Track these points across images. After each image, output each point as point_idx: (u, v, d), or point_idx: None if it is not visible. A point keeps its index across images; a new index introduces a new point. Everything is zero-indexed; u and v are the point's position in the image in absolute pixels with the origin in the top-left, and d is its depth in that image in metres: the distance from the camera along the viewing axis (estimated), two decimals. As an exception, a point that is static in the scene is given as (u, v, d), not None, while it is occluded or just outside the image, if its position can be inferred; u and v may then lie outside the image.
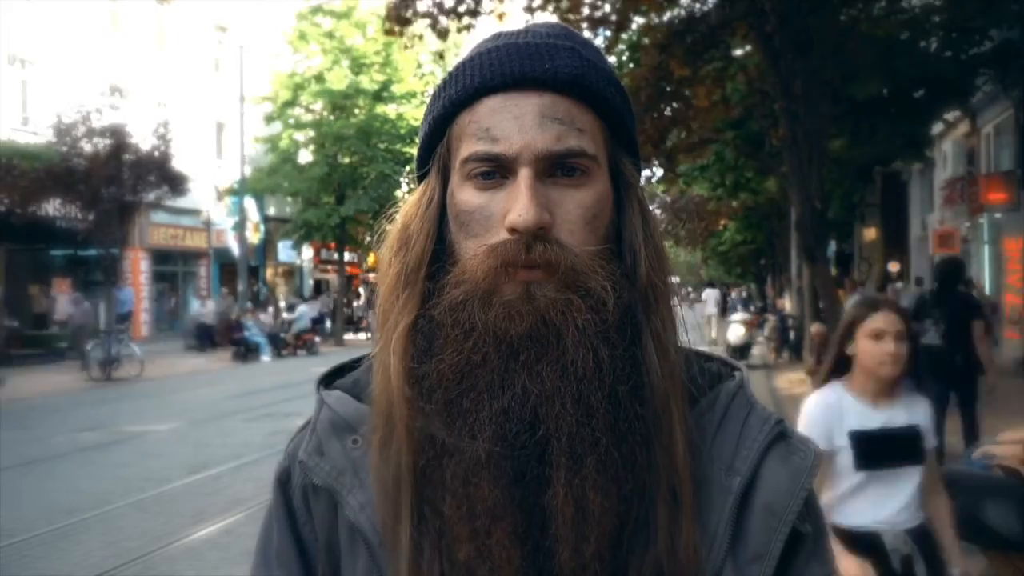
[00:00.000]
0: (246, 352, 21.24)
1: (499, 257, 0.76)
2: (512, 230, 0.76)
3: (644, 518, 0.75)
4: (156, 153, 17.37)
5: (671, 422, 0.77)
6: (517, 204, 0.76)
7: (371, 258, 30.49)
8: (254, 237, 28.00)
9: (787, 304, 22.16)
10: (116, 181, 16.70)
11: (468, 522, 0.74)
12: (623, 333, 0.77)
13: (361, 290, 34.10)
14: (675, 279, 0.85)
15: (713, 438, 0.81)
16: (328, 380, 0.91)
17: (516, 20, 10.74)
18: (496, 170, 0.79)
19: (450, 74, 0.85)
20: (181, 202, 21.41)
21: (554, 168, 0.78)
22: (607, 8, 9.65)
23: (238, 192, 25.54)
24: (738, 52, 10.98)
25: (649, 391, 0.77)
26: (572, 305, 0.75)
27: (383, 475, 0.78)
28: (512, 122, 0.78)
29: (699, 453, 0.79)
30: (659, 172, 13.08)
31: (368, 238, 26.94)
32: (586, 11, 9.51)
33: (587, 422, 0.73)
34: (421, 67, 27.34)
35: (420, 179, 0.88)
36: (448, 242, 0.83)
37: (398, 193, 25.33)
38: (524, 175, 0.77)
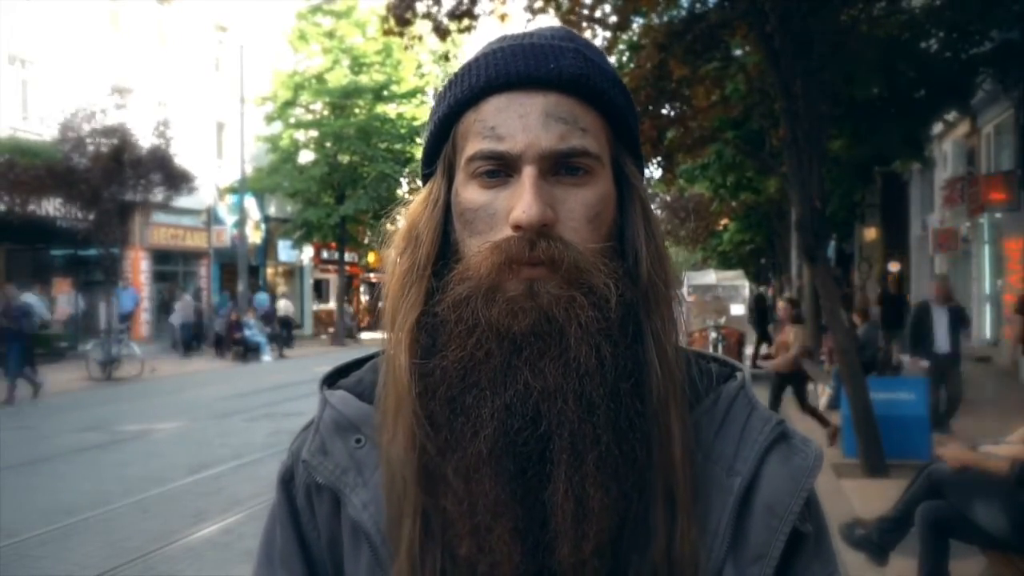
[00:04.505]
0: (246, 352, 21.24)
1: (503, 254, 0.77)
2: (516, 227, 0.77)
3: (643, 516, 0.76)
4: (157, 152, 17.36)
5: (669, 421, 0.77)
6: (521, 201, 0.76)
7: (371, 256, 30.52)
8: (255, 236, 28.00)
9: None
10: (117, 180, 16.70)
11: (469, 518, 0.74)
12: (625, 331, 0.78)
13: (361, 289, 34.14)
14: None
15: (714, 438, 0.82)
16: (331, 380, 0.91)
17: (518, 21, 10.75)
18: (500, 168, 0.79)
19: (455, 75, 0.86)
20: (181, 202, 21.40)
21: (558, 167, 0.79)
22: (607, 8, 9.65)
23: (238, 191, 25.55)
24: (738, 52, 10.97)
25: (649, 389, 0.77)
26: (575, 302, 0.76)
27: (389, 472, 0.79)
28: (517, 121, 0.79)
29: (698, 453, 0.80)
30: (658, 172, 13.06)
31: (368, 238, 27.06)
32: (586, 11, 9.51)
33: (588, 419, 0.74)
34: (421, 66, 27.35)
35: (426, 179, 0.89)
36: (453, 240, 0.84)
37: (399, 193, 25.35)
38: (528, 173, 0.78)
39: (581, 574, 0.74)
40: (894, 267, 19.15)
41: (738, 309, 17.33)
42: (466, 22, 9.46)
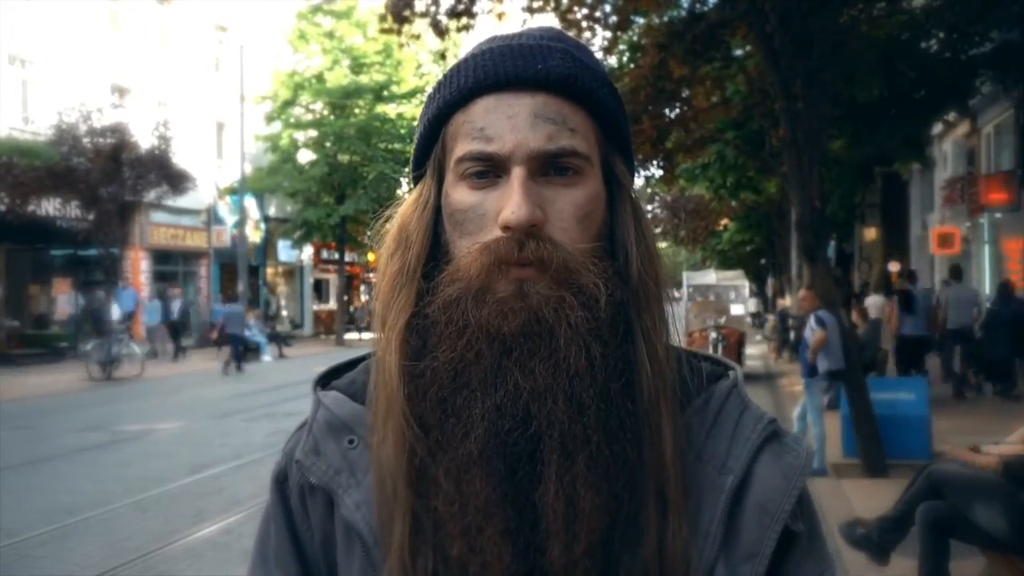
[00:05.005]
0: (246, 352, 21.24)
1: (492, 254, 0.77)
2: (505, 228, 0.76)
3: (635, 515, 0.76)
4: (156, 152, 17.37)
5: (660, 420, 0.77)
6: (510, 202, 0.76)
7: (370, 256, 30.55)
8: (255, 236, 28.01)
9: (788, 302, 22.17)
10: (116, 180, 16.70)
11: (460, 519, 0.74)
12: (615, 331, 0.78)
13: (362, 289, 34.14)
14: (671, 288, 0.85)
15: (706, 437, 0.82)
16: (324, 380, 0.91)
17: (516, 20, 10.75)
18: (490, 169, 0.79)
19: (445, 76, 0.86)
20: (181, 202, 21.42)
21: (547, 167, 0.79)
22: (607, 8, 9.65)
23: (238, 191, 25.56)
24: (738, 52, 10.98)
25: (640, 389, 0.77)
26: (565, 302, 0.76)
27: (379, 473, 0.79)
28: (505, 121, 0.79)
29: (690, 452, 0.80)
30: (658, 173, 13.05)
31: (367, 238, 27.06)
32: (585, 10, 9.51)
33: (579, 419, 0.74)
34: (421, 66, 27.37)
35: (416, 180, 0.89)
36: (443, 242, 0.84)
37: (398, 193, 25.29)
38: (517, 174, 0.78)
39: (572, 574, 0.73)
40: (894, 267, 19.15)
41: (738, 309, 17.33)
42: (464, 20, 9.45)
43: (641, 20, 10.44)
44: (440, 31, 9.50)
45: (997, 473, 3.84)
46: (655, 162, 11.78)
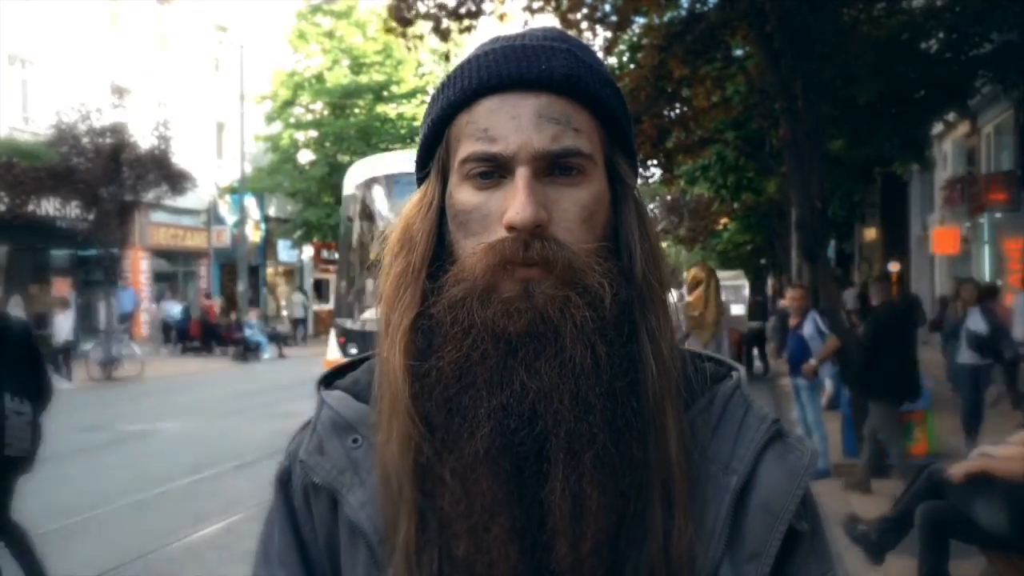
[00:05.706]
0: (246, 352, 21.24)
1: (497, 255, 0.77)
2: (510, 228, 0.77)
3: (641, 514, 0.76)
4: (156, 152, 17.36)
5: (665, 419, 0.78)
6: (515, 202, 0.77)
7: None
8: (255, 236, 28.00)
9: (788, 302, 22.13)
10: (116, 180, 16.69)
11: (466, 518, 0.74)
12: (620, 330, 0.78)
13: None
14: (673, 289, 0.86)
15: (710, 437, 0.82)
16: (328, 380, 0.92)
17: (517, 21, 10.77)
18: (494, 170, 0.79)
19: (448, 77, 0.86)
20: (181, 202, 21.40)
21: (551, 167, 0.79)
22: (607, 8, 9.66)
23: (238, 191, 25.56)
24: (738, 52, 11.00)
25: (645, 388, 0.78)
26: (570, 302, 0.76)
27: (384, 472, 0.79)
28: (509, 122, 0.79)
29: (695, 452, 0.80)
30: (658, 172, 13.08)
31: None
32: (586, 10, 9.52)
33: (585, 418, 0.74)
34: (422, 66, 27.38)
35: (420, 181, 0.89)
36: (448, 242, 0.84)
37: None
38: (521, 174, 0.78)
39: (579, 573, 0.74)
40: (894, 267, 19.15)
41: (738, 309, 17.29)
42: (467, 22, 9.46)
43: (641, 20, 10.45)
44: (442, 34, 9.50)
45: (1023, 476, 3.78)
46: (655, 162, 11.78)
